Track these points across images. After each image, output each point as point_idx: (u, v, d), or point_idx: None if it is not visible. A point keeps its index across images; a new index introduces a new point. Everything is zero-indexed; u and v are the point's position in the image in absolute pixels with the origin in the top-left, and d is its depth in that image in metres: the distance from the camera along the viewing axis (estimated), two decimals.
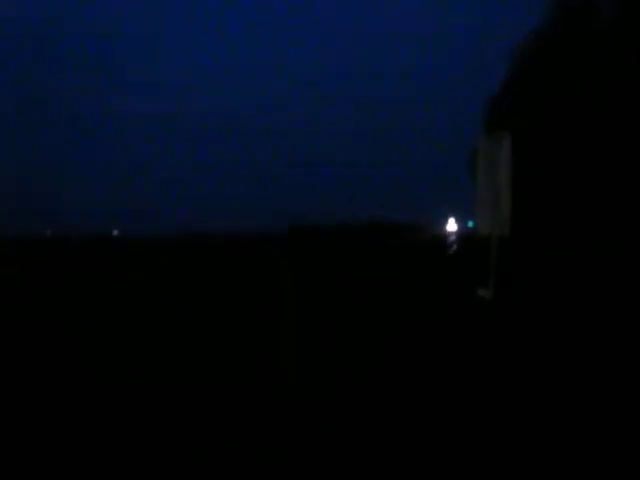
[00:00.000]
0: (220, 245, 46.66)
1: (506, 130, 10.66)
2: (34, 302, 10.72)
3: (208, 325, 7.97)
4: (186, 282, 14.28)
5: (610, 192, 25.61)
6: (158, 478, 3.20)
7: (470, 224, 72.92)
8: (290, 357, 5.94)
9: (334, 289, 12.15)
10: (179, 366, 5.69)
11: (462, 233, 79.82)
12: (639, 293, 10.71)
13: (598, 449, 3.50)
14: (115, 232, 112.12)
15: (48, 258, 27.95)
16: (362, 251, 32.17)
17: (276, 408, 4.25)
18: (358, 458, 3.39)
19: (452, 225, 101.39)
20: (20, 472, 3.32)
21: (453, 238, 59.31)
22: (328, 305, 9.78)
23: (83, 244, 51.59)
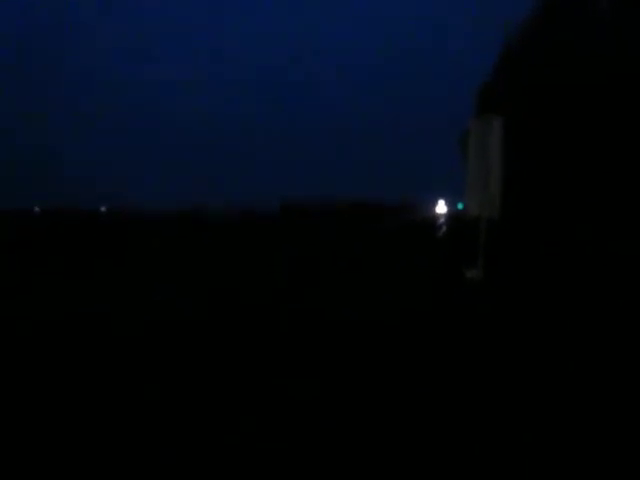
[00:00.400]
0: (214, 222, 46.22)
1: (497, 113, 10.76)
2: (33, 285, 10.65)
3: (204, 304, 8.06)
4: (183, 261, 14.24)
5: (602, 177, 25.70)
6: None
7: (460, 206, 71.61)
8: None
9: (327, 269, 12.23)
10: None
11: (452, 215, 78.28)
12: (628, 277, 10.87)
13: (590, 435, 3.57)
14: (103, 208, 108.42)
15: (51, 236, 27.43)
16: (352, 232, 32.04)
17: None
18: None
19: (442, 207, 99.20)
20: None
21: (442, 220, 56.80)
22: (322, 286, 9.88)
23: (77, 221, 50.38)
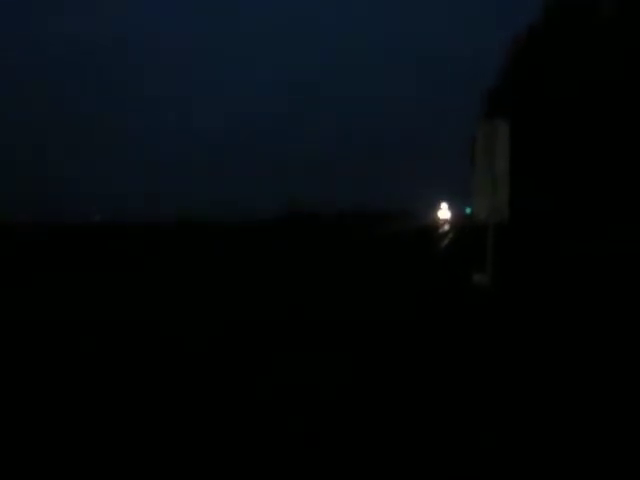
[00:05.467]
0: (218, 233, 43.66)
1: (505, 117, 10.68)
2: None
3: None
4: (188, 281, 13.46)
5: (610, 181, 25.67)
6: None
7: (468, 210, 65.86)
8: None
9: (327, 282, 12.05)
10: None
11: (457, 220, 69.48)
12: (636, 282, 10.72)
13: (595, 444, 3.51)
14: (97, 217, 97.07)
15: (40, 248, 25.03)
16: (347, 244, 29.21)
17: None
18: None
19: (445, 212, 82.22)
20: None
21: (446, 228, 47.51)
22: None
23: (70, 232, 45.45)
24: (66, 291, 10.15)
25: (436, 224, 57.15)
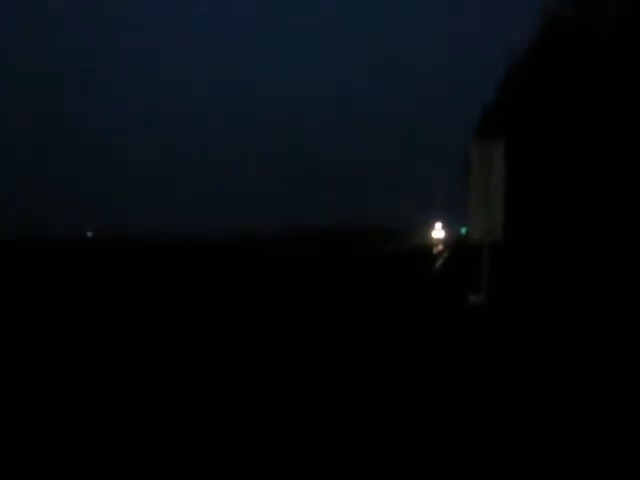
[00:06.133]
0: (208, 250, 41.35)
1: (499, 136, 10.69)
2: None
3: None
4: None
5: (606, 197, 25.69)
6: None
7: (463, 230, 63.74)
8: None
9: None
10: None
11: (452, 240, 67.46)
12: (634, 298, 10.65)
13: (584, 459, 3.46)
14: (89, 234, 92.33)
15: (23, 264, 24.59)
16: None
17: None
18: None
19: (439, 232, 79.03)
20: None
21: (440, 247, 45.69)
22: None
23: (59, 248, 41.23)
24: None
25: (430, 243, 56.10)
